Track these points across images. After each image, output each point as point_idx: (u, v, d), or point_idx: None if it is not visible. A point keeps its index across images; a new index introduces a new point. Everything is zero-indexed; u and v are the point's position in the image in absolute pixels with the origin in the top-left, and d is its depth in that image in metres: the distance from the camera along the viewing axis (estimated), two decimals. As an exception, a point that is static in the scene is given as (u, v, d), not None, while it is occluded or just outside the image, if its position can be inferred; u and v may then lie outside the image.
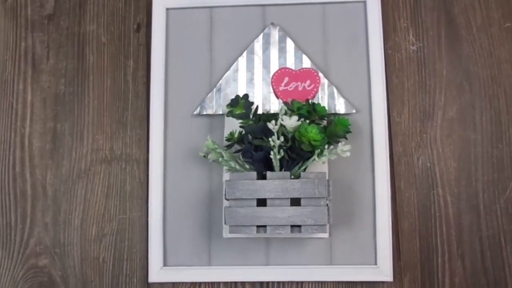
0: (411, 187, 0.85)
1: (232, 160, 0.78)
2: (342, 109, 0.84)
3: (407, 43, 0.88)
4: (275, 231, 0.73)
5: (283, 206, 0.73)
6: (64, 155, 0.89)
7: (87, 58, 0.91)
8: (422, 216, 0.84)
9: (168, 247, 0.84)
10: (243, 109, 0.76)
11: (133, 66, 0.91)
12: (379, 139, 0.83)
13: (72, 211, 0.87)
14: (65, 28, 0.93)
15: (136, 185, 0.87)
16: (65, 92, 0.91)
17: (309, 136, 0.72)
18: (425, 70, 0.88)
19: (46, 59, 0.92)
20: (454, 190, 0.84)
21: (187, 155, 0.85)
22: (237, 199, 0.74)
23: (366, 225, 0.82)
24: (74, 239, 0.86)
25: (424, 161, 0.85)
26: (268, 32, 0.86)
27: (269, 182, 0.73)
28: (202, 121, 0.86)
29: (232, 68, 0.86)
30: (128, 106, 0.90)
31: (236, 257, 0.83)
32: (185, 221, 0.84)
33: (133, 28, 0.92)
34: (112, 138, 0.89)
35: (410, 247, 0.83)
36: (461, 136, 0.85)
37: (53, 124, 0.90)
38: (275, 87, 0.84)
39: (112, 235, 0.86)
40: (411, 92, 0.87)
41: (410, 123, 0.86)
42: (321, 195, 0.73)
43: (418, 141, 0.86)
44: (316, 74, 0.84)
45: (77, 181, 0.88)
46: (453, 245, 0.83)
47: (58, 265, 0.86)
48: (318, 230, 0.73)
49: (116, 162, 0.88)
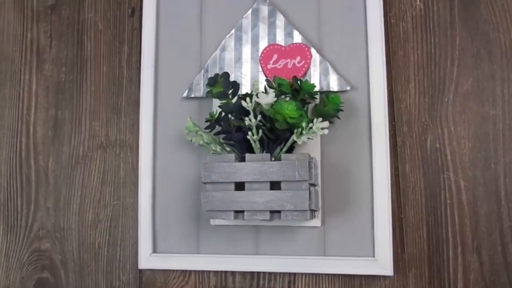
0: (417, 171, 0.75)
1: (212, 142, 0.74)
2: (335, 86, 0.76)
3: (413, 9, 0.79)
4: (253, 217, 0.68)
5: (262, 190, 0.68)
6: (64, 142, 0.90)
7: (85, 46, 0.92)
8: (430, 204, 0.74)
9: (158, 234, 0.82)
10: (222, 88, 0.72)
11: (128, 52, 0.90)
12: (378, 118, 0.75)
13: (71, 196, 0.89)
14: (66, 17, 0.94)
15: (129, 171, 0.87)
16: (66, 80, 0.92)
17: (284, 112, 0.66)
18: (434, 39, 0.77)
19: (49, 49, 0.94)
20: (468, 174, 0.73)
21: (176, 139, 0.83)
22: (213, 183, 0.70)
23: (363, 213, 0.74)
24: (73, 224, 0.88)
25: (433, 141, 0.75)
26: (257, 7, 0.81)
27: (246, 164, 0.69)
28: (191, 104, 0.83)
29: (219, 47, 0.82)
30: (123, 92, 0.89)
31: (224, 245, 0.79)
32: (175, 207, 0.82)
33: (128, 13, 0.91)
34: (107, 124, 0.89)
35: (416, 238, 0.74)
36: (477, 112, 0.74)
37: (55, 112, 0.92)
38: (263, 65, 0.79)
39: (107, 221, 0.87)
40: (418, 64, 0.77)
41: (417, 99, 0.77)
42: (301, 178, 0.67)
43: (426, 120, 0.76)
44: (307, 49, 0.78)
45: (76, 167, 0.89)
46: (467, 236, 0.73)
47: (58, 249, 0.88)
48: (298, 216, 0.67)
49: (111, 148, 0.88)
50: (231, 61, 0.81)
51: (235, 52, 0.81)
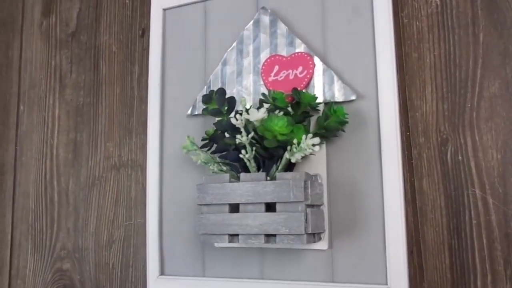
0: (437, 187, 0.66)
1: (210, 161, 0.71)
2: (340, 96, 0.70)
3: (428, 6, 0.70)
4: (247, 241, 0.64)
5: (256, 212, 0.64)
6: (82, 164, 0.92)
7: (100, 69, 0.94)
8: (452, 225, 0.65)
9: (165, 255, 0.80)
10: (217, 105, 0.69)
11: (138, 72, 0.90)
12: (388, 129, 0.67)
13: (88, 217, 0.90)
14: (84, 42, 0.97)
15: (140, 191, 0.86)
16: (84, 103, 0.95)
17: (274, 129, 0.61)
18: (453, 38, 0.68)
19: (69, 74, 0.97)
20: (497, 190, 0.63)
21: (182, 159, 0.81)
22: (208, 205, 0.67)
23: (374, 235, 0.67)
24: (90, 245, 0.89)
25: (454, 153, 0.66)
26: (258, 17, 0.77)
27: (240, 185, 0.65)
28: (196, 121, 0.81)
29: (221, 62, 0.79)
30: (134, 112, 0.89)
31: (229, 268, 0.75)
32: (181, 228, 0.79)
33: (139, 34, 0.92)
34: (120, 145, 0.90)
35: (436, 264, 0.65)
36: (507, 118, 0.64)
37: (74, 135, 0.94)
38: (264, 78, 0.75)
39: (120, 242, 0.87)
40: (435, 67, 0.69)
41: (434, 106, 0.68)
42: (296, 199, 0.61)
43: (446, 129, 0.67)
44: (309, 58, 0.72)
45: (92, 188, 0.91)
46: (498, 263, 0.62)
47: (77, 269, 0.89)
48: (294, 241, 0.61)
49: (123, 169, 0.88)
50: (232, 75, 0.78)
51: (237, 65, 0.78)
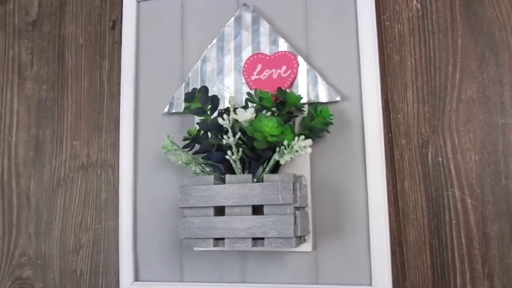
0: (418, 188, 0.68)
1: (192, 162, 0.68)
2: (325, 97, 0.70)
3: (409, 10, 0.72)
4: (234, 245, 0.62)
5: (243, 215, 0.62)
6: (45, 163, 0.86)
7: (66, 62, 0.88)
8: (433, 225, 0.67)
9: (139, 260, 0.76)
10: (200, 104, 0.66)
11: (108, 66, 0.86)
12: (372, 130, 0.68)
13: (52, 221, 0.84)
14: (47, 32, 0.90)
15: (111, 193, 0.82)
16: (47, 98, 0.88)
17: (264, 130, 0.60)
18: (433, 42, 0.70)
19: (30, 66, 0.90)
20: (475, 191, 0.66)
21: (158, 159, 0.78)
22: (191, 208, 0.64)
23: (359, 236, 0.67)
24: (54, 250, 0.83)
25: (435, 155, 0.68)
26: (239, 14, 0.75)
27: (226, 187, 0.63)
28: (173, 120, 0.78)
29: (200, 59, 0.76)
30: (104, 108, 0.85)
31: (209, 272, 0.73)
32: (157, 231, 0.76)
33: (109, 26, 0.87)
34: (88, 143, 0.84)
35: (418, 264, 0.67)
36: (484, 121, 0.67)
37: (36, 132, 0.88)
38: (247, 76, 0.73)
39: (88, 246, 0.82)
40: (416, 70, 0.70)
41: (415, 108, 0.69)
42: (285, 202, 0.60)
43: (427, 131, 0.69)
44: (293, 58, 0.71)
45: (57, 190, 0.85)
46: (476, 261, 0.65)
47: (40, 277, 0.83)
48: (283, 244, 0.60)
49: (92, 169, 0.83)
50: (213, 73, 0.75)
51: (217, 63, 0.75)
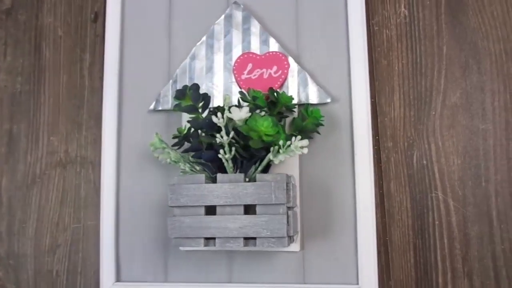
0: (403, 190, 0.70)
1: (181, 160, 0.67)
2: (315, 98, 0.70)
3: (397, 16, 0.74)
4: (225, 244, 0.62)
5: (235, 214, 0.62)
6: (19, 159, 0.82)
7: (43, 54, 0.84)
8: (417, 226, 0.69)
9: (121, 260, 0.74)
10: (191, 101, 0.65)
11: (90, 60, 0.83)
12: (361, 132, 0.69)
13: (26, 219, 0.80)
14: (22, 22, 0.86)
15: (91, 191, 0.79)
16: (22, 91, 0.84)
17: (259, 129, 0.59)
18: (420, 48, 0.72)
19: (3, 57, 0.86)
20: (457, 193, 0.68)
21: (143, 156, 0.76)
22: (181, 207, 0.63)
23: (346, 236, 0.68)
24: (28, 250, 0.79)
25: (420, 158, 0.70)
26: (230, 12, 0.75)
27: (217, 186, 0.62)
28: (159, 117, 0.76)
29: (189, 56, 0.75)
30: (84, 103, 0.82)
31: (195, 272, 0.72)
32: (140, 230, 0.74)
33: (90, 18, 0.84)
34: (67, 139, 0.81)
35: (402, 263, 0.69)
36: (466, 127, 0.69)
37: (9, 126, 0.84)
38: (237, 75, 0.72)
39: (66, 246, 0.79)
40: (403, 75, 0.72)
41: (402, 112, 0.71)
42: (278, 201, 0.60)
43: (412, 134, 0.71)
44: (284, 58, 0.72)
45: (32, 187, 0.81)
46: (457, 261, 0.67)
47: (11, 277, 0.79)
48: (276, 244, 0.61)
49: (71, 166, 0.80)
50: (202, 71, 0.74)
51: (207, 60, 0.74)
